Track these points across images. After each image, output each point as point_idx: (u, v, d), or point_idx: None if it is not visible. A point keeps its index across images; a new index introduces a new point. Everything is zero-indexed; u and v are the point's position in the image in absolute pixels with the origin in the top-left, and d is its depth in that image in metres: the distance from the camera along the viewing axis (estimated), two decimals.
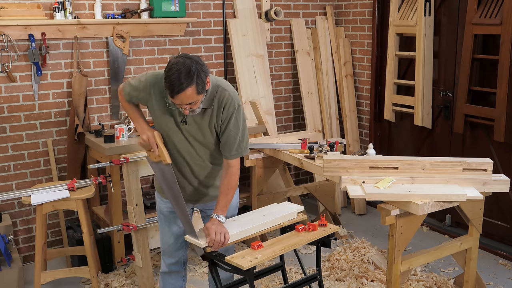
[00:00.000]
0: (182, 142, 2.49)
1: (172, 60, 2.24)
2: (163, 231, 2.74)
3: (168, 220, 2.69)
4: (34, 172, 3.93)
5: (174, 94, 2.22)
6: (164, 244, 2.74)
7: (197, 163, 2.54)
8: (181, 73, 2.18)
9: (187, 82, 2.19)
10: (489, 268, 3.85)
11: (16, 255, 3.57)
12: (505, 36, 3.68)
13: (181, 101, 2.24)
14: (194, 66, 2.22)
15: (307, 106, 4.95)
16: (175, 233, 2.70)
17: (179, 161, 2.55)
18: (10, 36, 3.65)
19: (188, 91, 2.21)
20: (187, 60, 2.22)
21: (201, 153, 2.52)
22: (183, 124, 2.43)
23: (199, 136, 2.46)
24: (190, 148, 2.50)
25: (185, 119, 2.42)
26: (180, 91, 2.20)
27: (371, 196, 2.73)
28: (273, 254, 2.43)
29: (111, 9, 4.04)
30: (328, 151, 3.51)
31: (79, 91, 3.88)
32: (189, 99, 2.24)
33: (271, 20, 4.77)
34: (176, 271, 2.78)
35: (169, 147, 2.52)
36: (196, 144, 2.49)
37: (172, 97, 2.24)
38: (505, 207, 4.05)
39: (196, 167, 2.55)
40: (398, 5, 4.58)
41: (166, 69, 2.24)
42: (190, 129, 2.45)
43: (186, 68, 2.19)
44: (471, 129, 4.21)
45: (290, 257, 3.89)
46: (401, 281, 2.84)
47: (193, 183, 2.60)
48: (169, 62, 2.25)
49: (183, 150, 2.51)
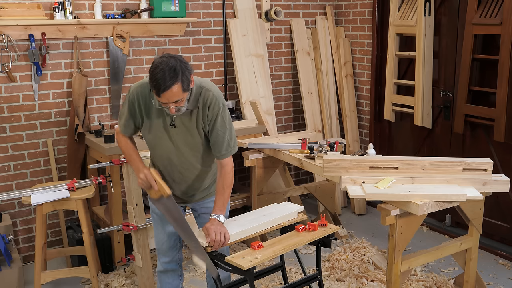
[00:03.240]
0: (171, 148, 2.52)
1: (156, 60, 2.28)
2: (157, 230, 2.76)
3: (161, 219, 2.71)
4: (34, 172, 3.93)
5: (160, 93, 2.25)
6: (158, 243, 2.77)
7: (186, 167, 2.57)
8: (166, 72, 2.22)
9: (173, 80, 2.23)
10: (489, 268, 3.85)
11: (16, 255, 3.57)
12: (505, 36, 3.68)
13: (167, 99, 2.27)
14: (179, 64, 2.27)
15: (307, 106, 4.95)
16: (169, 232, 2.72)
17: (168, 168, 2.58)
18: (10, 36, 3.65)
19: (174, 89, 2.25)
20: (171, 59, 2.27)
21: (190, 157, 2.54)
22: (172, 128, 2.47)
23: (188, 138, 2.49)
24: (179, 153, 2.53)
25: (174, 122, 2.45)
26: (166, 89, 2.23)
27: (371, 196, 2.73)
28: (273, 254, 2.43)
29: (111, 9, 4.04)
30: (328, 151, 3.51)
31: (79, 91, 3.88)
32: (175, 96, 2.27)
33: (271, 20, 4.77)
34: (172, 270, 2.80)
35: (158, 154, 2.55)
36: (184, 148, 2.52)
37: (158, 95, 2.27)
38: (505, 207, 4.05)
39: (185, 171, 2.59)
40: (398, 5, 4.58)
41: (151, 69, 2.28)
42: (179, 132, 2.48)
43: (170, 67, 2.24)
44: (471, 129, 4.21)
45: (290, 257, 3.89)
46: (401, 281, 2.84)
47: (182, 186, 2.64)
48: (153, 62, 2.29)
49: (172, 156, 2.54)
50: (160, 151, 2.55)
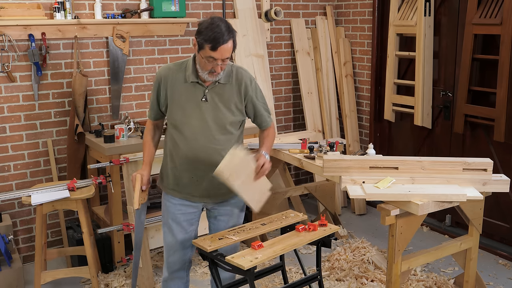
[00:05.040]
0: (200, 126, 2.52)
1: (208, 19, 2.39)
2: (170, 241, 2.69)
3: (179, 228, 2.65)
4: (34, 172, 3.93)
5: (218, 45, 2.34)
6: (169, 251, 2.70)
7: (213, 147, 2.53)
8: (223, 27, 2.36)
9: (229, 35, 2.37)
10: (489, 268, 3.85)
11: (16, 255, 3.57)
12: (505, 36, 3.68)
13: (221, 55, 2.37)
14: (230, 25, 2.41)
15: (307, 106, 4.95)
16: (183, 242, 2.67)
17: (196, 146, 2.53)
18: (10, 36, 3.65)
19: (229, 44, 2.38)
20: (222, 20, 2.41)
21: (218, 135, 2.54)
22: (204, 102, 2.51)
23: (218, 114, 2.52)
24: (208, 131, 2.52)
25: (206, 96, 2.50)
26: (225, 42, 2.35)
27: (371, 196, 2.73)
28: (273, 254, 2.43)
29: (111, 9, 4.05)
30: (328, 151, 3.51)
31: (79, 91, 3.88)
32: (227, 52, 2.39)
33: (271, 20, 4.77)
34: (179, 277, 2.76)
35: (185, 135, 2.53)
36: (213, 126, 2.52)
37: (215, 49, 2.34)
38: (505, 207, 4.05)
39: (213, 152, 2.53)
40: (398, 5, 4.58)
41: (204, 25, 2.37)
42: (210, 108, 2.51)
43: (226, 24, 2.39)
44: (471, 129, 4.21)
45: (290, 257, 3.89)
46: (401, 281, 2.84)
47: (208, 172, 2.51)
48: (205, 20, 2.39)
49: (199, 135, 2.52)
50: (188, 132, 2.52)
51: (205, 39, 2.35)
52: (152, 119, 2.71)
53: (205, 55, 2.38)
